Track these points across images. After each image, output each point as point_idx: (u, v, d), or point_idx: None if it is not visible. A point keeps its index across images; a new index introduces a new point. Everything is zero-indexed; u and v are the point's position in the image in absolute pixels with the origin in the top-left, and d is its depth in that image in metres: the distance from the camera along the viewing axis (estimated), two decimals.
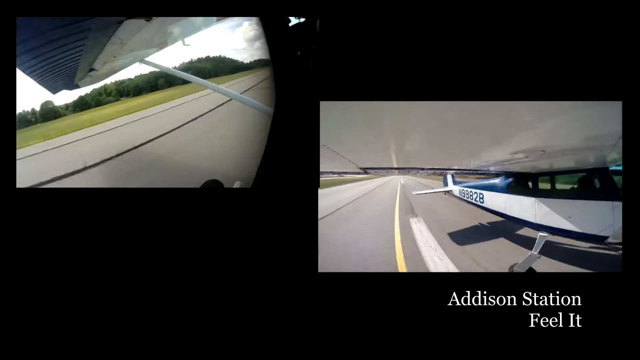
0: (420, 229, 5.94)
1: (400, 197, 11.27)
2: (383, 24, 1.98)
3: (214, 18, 2.72)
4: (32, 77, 2.49)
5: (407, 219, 7.08)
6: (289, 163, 2.09)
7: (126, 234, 1.98)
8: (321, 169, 2.14)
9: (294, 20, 2.24)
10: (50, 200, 1.97)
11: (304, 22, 2.25)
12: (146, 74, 3.20)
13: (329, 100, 1.95)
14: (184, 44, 2.95)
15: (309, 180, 2.06)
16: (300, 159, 2.08)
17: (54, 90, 2.76)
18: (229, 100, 3.08)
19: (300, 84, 2.10)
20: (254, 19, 2.44)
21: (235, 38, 2.87)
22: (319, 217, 2.07)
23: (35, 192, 2.01)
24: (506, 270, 3.26)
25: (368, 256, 4.29)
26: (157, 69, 3.06)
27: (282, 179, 2.09)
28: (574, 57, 1.93)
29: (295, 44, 2.18)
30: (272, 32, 2.12)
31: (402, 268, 3.89)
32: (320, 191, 2.08)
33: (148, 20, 2.44)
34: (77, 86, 2.89)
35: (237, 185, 2.25)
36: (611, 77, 1.92)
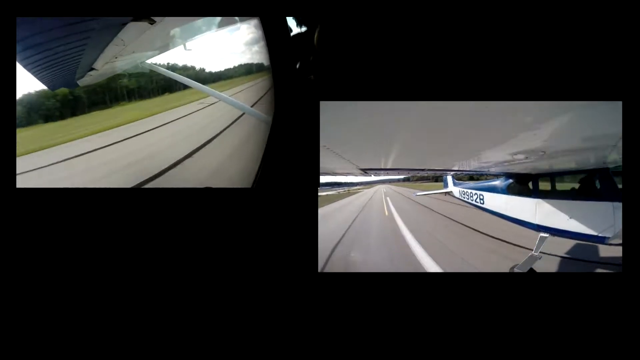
0: None
1: None
2: (383, 24, 1.98)
3: (216, 21, 2.73)
4: (31, 72, 2.49)
5: None
6: (289, 163, 2.09)
7: (126, 233, 1.98)
8: (321, 170, 2.13)
9: (293, 21, 2.25)
10: (51, 200, 1.97)
11: (303, 21, 2.25)
12: None
13: (329, 100, 1.96)
14: (185, 48, 2.96)
15: (308, 181, 2.06)
16: (300, 159, 2.08)
17: (53, 87, 2.75)
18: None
19: (300, 84, 2.10)
20: (254, 20, 2.45)
21: (234, 41, 2.86)
22: None
23: (35, 192, 2.01)
24: (507, 270, 3.26)
25: None
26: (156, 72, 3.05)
27: (282, 179, 2.09)
28: (574, 57, 1.93)
29: (295, 44, 2.18)
30: (272, 33, 2.12)
31: None
32: None
33: (151, 24, 2.45)
34: (76, 85, 2.89)
35: (244, 186, 2.26)
36: (611, 77, 1.92)
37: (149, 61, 2.95)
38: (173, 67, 2.99)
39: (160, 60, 2.95)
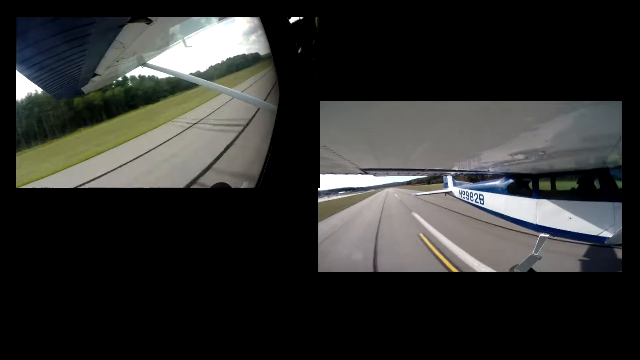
0: None
1: None
2: (383, 24, 1.98)
3: (215, 18, 2.72)
4: (35, 82, 2.48)
5: None
6: (289, 164, 2.09)
7: (126, 233, 1.98)
8: (321, 170, 2.14)
9: (294, 20, 2.25)
10: (51, 200, 1.97)
11: (303, 21, 2.25)
12: None
13: (329, 100, 1.95)
14: (185, 45, 2.94)
15: (309, 181, 2.06)
16: (300, 159, 2.07)
17: (58, 97, 2.72)
18: None
19: (300, 84, 2.10)
20: (254, 19, 2.44)
21: (233, 35, 2.84)
22: None
23: (35, 192, 2.01)
24: (507, 270, 3.26)
25: None
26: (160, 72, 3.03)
27: (282, 180, 2.09)
28: (574, 57, 1.93)
29: (296, 44, 2.18)
30: (273, 32, 2.12)
31: None
32: None
33: (148, 23, 2.44)
34: (81, 92, 2.86)
35: (244, 186, 2.26)
36: (611, 77, 1.91)
37: (150, 62, 2.94)
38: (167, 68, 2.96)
39: (159, 61, 2.94)
